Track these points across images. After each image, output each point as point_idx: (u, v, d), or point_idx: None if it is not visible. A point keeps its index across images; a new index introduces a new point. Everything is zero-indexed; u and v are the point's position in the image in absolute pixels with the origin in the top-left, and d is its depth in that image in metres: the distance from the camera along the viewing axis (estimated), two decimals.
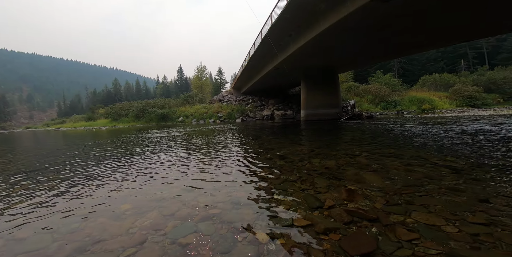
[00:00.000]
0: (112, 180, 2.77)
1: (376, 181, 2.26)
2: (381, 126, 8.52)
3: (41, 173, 3.35)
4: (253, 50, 15.13)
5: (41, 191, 2.45)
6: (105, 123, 29.98)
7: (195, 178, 2.69)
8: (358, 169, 2.70)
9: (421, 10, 7.49)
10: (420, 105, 23.29)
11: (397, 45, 11.83)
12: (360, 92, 26.04)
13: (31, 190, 2.51)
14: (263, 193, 2.07)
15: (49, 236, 1.44)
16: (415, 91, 28.37)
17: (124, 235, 1.40)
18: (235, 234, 1.37)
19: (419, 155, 3.32)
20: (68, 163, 4.09)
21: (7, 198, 2.28)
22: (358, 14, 7.51)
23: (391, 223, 1.43)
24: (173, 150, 5.02)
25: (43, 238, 1.42)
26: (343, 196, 1.89)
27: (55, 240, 1.39)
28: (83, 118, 40.49)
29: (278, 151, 4.18)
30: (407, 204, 1.71)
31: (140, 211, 1.77)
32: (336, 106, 16.16)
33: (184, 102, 31.54)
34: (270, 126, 11.92)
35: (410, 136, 5.45)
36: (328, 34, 9.38)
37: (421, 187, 2.04)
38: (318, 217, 1.55)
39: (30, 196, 2.30)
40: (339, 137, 6.58)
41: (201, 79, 45.79)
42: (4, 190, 2.55)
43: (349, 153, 3.73)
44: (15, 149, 7.58)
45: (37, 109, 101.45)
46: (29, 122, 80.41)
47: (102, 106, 44.52)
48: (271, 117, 22.98)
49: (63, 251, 1.26)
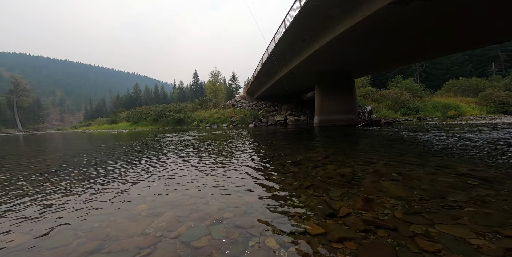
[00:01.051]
0: (130, 180, 2.89)
1: (396, 190, 2.14)
2: (401, 133, 8.11)
3: (68, 172, 3.59)
4: (266, 56, 15.27)
5: (66, 189, 2.61)
6: (126, 126, 31.60)
7: (208, 181, 2.72)
8: (376, 177, 2.58)
9: (444, 13, 7.16)
10: (445, 111, 21.90)
11: (417, 49, 11.34)
12: (378, 97, 25.11)
13: (58, 188, 2.69)
14: (275, 199, 2.05)
15: (72, 233, 1.52)
16: (440, 96, 26.79)
17: (140, 236, 1.45)
18: (246, 239, 1.36)
19: (444, 164, 3.10)
20: (92, 163, 4.35)
21: (37, 194, 2.46)
22: (375, 18, 7.34)
23: (411, 234, 1.35)
24: (188, 153, 5.15)
25: (66, 235, 1.49)
26: (359, 205, 1.81)
27: (76, 237, 1.46)
28: (107, 121, 43.00)
29: (291, 157, 4.13)
30: (430, 214, 1.61)
31: (155, 212, 1.82)
32: (351, 112, 15.69)
33: (199, 106, 32.29)
34: (283, 132, 11.84)
35: (434, 144, 5.12)
36: (343, 39, 9.24)
37: (447, 198, 1.91)
38: (332, 225, 1.50)
39: (57, 193, 2.47)
40: (355, 143, 6.35)
41: (215, 84, 46.63)
42: (35, 187, 2.76)
43: (366, 160, 3.59)
44: (47, 149, 8.21)
45: (67, 112, 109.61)
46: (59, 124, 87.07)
47: (124, 110, 47.07)
48: (284, 123, 22.81)
49: (83, 249, 1.32)
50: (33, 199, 2.29)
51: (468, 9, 6.95)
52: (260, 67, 18.41)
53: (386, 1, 6.42)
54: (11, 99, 62.41)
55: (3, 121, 59.61)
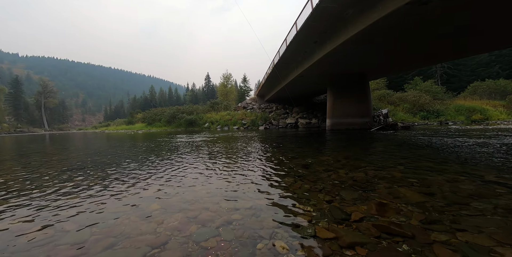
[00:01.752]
0: (144, 180, 2.99)
1: (414, 196, 2.04)
2: (419, 138, 7.72)
3: (87, 170, 3.77)
4: (277, 58, 15.27)
5: (84, 187, 2.74)
6: (141, 127, 32.82)
7: (218, 183, 2.75)
8: (392, 183, 2.47)
9: (467, 12, 6.79)
10: (470, 115, 20.61)
11: (437, 50, 10.82)
12: (395, 100, 24.17)
13: (77, 185, 2.83)
14: (285, 202, 2.02)
15: (89, 230, 1.58)
16: (463, 99, 25.32)
17: (152, 234, 1.48)
18: (255, 242, 1.35)
19: (467, 171, 2.91)
20: (109, 162, 4.55)
21: (57, 191, 2.61)
22: (391, 19, 7.12)
23: (430, 242, 1.28)
24: (199, 155, 5.24)
25: (83, 231, 1.56)
26: (373, 210, 1.74)
27: (93, 233, 1.52)
28: (124, 122, 44.99)
29: (302, 160, 4.06)
30: (451, 222, 1.51)
31: (167, 212, 1.86)
32: (365, 116, 15.20)
33: (210, 108, 32.80)
34: (294, 135, 11.70)
35: (456, 150, 4.83)
36: (356, 40, 9.04)
37: (470, 206, 1.79)
38: (343, 230, 1.45)
39: (75, 191, 2.60)
40: (369, 147, 6.14)
41: (226, 87, 47.06)
42: (55, 184, 2.92)
43: (381, 165, 3.45)
44: (70, 148, 8.71)
45: (88, 113, 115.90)
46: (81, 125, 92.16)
47: (140, 111, 48.98)
48: (295, 126, 22.57)
49: (98, 245, 1.37)
50: (53, 195, 2.43)
51: (496, 7, 6.54)
52: (271, 70, 18.43)
53: (403, 1, 6.21)
54: (39, 100, 67.14)
55: (32, 121, 64.17)
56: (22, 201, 2.24)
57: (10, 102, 58.51)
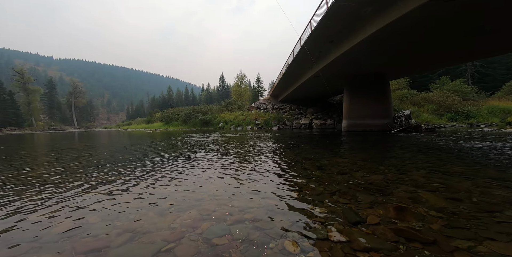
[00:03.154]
0: (160, 177, 3.12)
1: (437, 201, 1.91)
2: (446, 141, 7.21)
3: (111, 167, 4.04)
4: (291, 58, 15.07)
5: (107, 183, 2.93)
6: (160, 126, 34.18)
7: (231, 182, 2.78)
8: (413, 187, 2.34)
9: (498, 7, 6.20)
10: (505, 117, 18.83)
11: (463, 49, 10.02)
12: (418, 101, 22.74)
13: (102, 181, 3.04)
14: (298, 203, 2.00)
15: (111, 224, 1.68)
16: (498, 100, 23.16)
17: (167, 230, 1.55)
18: (266, 241, 1.35)
19: (499, 176, 2.68)
20: (131, 159, 4.81)
21: (86, 185, 2.81)
22: (412, 16, 6.72)
23: (453, 249, 1.19)
24: (214, 154, 5.35)
25: (106, 225, 1.66)
26: (391, 214, 1.66)
27: (115, 227, 1.61)
28: (144, 121, 47.22)
29: (316, 162, 3.98)
30: (477, 229, 1.40)
31: (181, 209, 1.92)
32: (385, 117, 14.47)
33: (224, 108, 33.25)
34: (308, 136, 11.49)
35: (487, 153, 4.44)
36: (375, 39, 8.64)
37: (501, 212, 1.65)
38: (357, 233, 1.40)
39: (100, 186, 2.79)
40: (389, 150, 5.84)
41: (240, 87, 47.21)
42: (84, 179, 3.15)
43: (401, 168, 3.27)
44: (96, 145, 9.34)
45: (112, 112, 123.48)
46: (106, 123, 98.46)
47: (158, 110, 51.06)
48: (309, 127, 22.13)
49: (120, 238, 1.46)
50: (80, 189, 2.63)
51: None
52: (285, 70, 18.25)
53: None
54: (70, 100, 72.72)
55: (63, 119, 69.69)
56: (52, 194, 2.45)
57: (45, 102, 63.93)
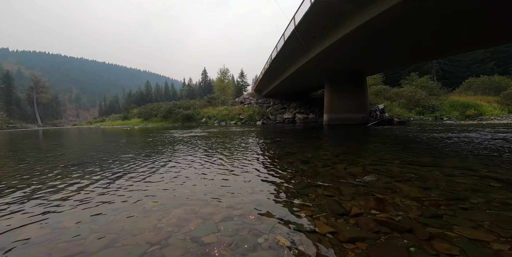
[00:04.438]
0: (141, 176, 2.96)
1: (411, 191, 2.07)
2: (415, 133, 7.82)
3: (83, 166, 3.73)
4: (275, 53, 15.15)
5: (82, 183, 2.70)
6: (137, 123, 32.44)
7: (217, 178, 2.74)
8: (389, 178, 2.51)
9: (467, 10, 6.75)
10: (464, 110, 20.92)
11: (435, 46, 10.83)
12: (391, 96, 24.33)
13: (75, 181, 2.79)
14: (284, 197, 2.03)
15: (87, 227, 1.55)
16: (458, 95, 25.59)
17: (151, 231, 1.47)
18: (256, 237, 1.36)
19: (463, 165, 2.97)
20: (106, 158, 4.50)
21: (53, 188, 2.57)
22: (390, 14, 7.06)
23: (427, 236, 1.30)
24: (197, 150, 5.22)
25: (82, 228, 1.53)
26: (372, 205, 1.76)
27: (93, 231, 1.49)
28: (120, 118, 44.40)
29: (300, 155, 4.08)
30: (448, 216, 1.55)
31: (166, 208, 1.85)
32: (362, 111, 15.30)
33: (207, 104, 32.67)
34: (292, 130, 11.73)
35: (451, 144, 4.90)
36: (355, 36, 8.99)
37: (466, 200, 1.83)
38: (342, 225, 1.46)
39: (72, 188, 2.56)
40: (367, 142, 6.19)
41: (223, 82, 46.67)
42: (51, 181, 2.88)
43: (378, 160, 3.49)
44: (65, 144, 8.59)
45: (82, 109, 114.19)
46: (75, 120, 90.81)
47: (135, 106, 48.30)
48: (292, 121, 22.63)
49: (99, 242, 1.35)
50: (49, 192, 2.39)
51: (496, 4, 6.52)
52: (268, 65, 18.30)
53: None
54: (31, 95, 65.67)
55: (24, 116, 62.86)
56: (17, 199, 2.21)
57: (1, 97, 57.12)
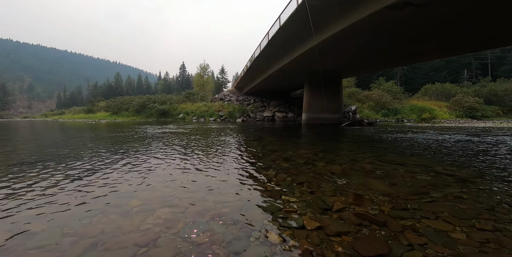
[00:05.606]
0: (116, 174, 2.76)
1: (382, 187, 2.28)
2: (382, 133, 8.56)
3: (43, 164, 3.32)
4: (258, 51, 15.18)
5: (45, 184, 2.42)
6: (105, 117, 29.85)
7: (200, 176, 2.69)
8: (363, 175, 2.72)
9: (442, 20, 7.50)
10: (420, 114, 23.45)
11: (405, 53, 11.94)
12: (362, 98, 26.17)
13: (34, 182, 2.48)
14: (271, 194, 2.08)
15: (59, 231, 1.41)
16: (417, 100, 28.55)
17: (137, 232, 1.39)
18: (247, 234, 1.38)
19: (421, 164, 3.35)
20: (70, 155, 4.06)
21: (12, 190, 2.26)
22: (369, 21, 7.58)
23: (400, 227, 1.46)
24: (176, 147, 5.02)
25: (53, 233, 1.39)
26: (351, 200, 1.91)
27: (66, 235, 1.36)
28: (83, 111, 40.27)
29: (282, 153, 4.20)
30: (414, 209, 1.74)
31: (150, 208, 1.76)
32: (337, 112, 16.21)
33: (185, 99, 31.54)
34: (272, 128, 11.94)
35: (411, 144, 5.49)
36: (336, 39, 9.45)
37: (427, 194, 2.07)
38: (328, 220, 1.56)
39: (34, 189, 2.28)
40: (342, 142, 6.60)
41: (203, 77, 45.63)
42: (8, 181, 2.52)
43: (353, 158, 3.75)
44: (15, 138, 7.54)
45: (36, 100, 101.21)
46: (27, 112, 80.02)
47: (102, 99, 44.39)
48: (271, 119, 23.02)
49: (77, 247, 1.24)
50: (6, 194, 2.10)
51: (464, 16, 7.35)
52: (251, 63, 18.26)
53: (381, 5, 6.64)
54: None
55: None
56: None
57: None
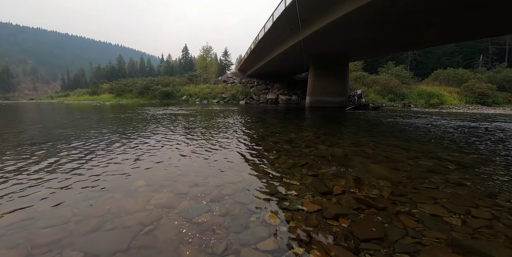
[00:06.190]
0: (121, 155, 2.81)
1: (383, 171, 2.28)
2: (387, 118, 8.41)
3: (51, 145, 3.39)
4: (262, 33, 14.57)
5: (52, 164, 2.48)
6: (109, 99, 29.91)
7: (203, 158, 2.72)
8: (365, 159, 2.72)
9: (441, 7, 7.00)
10: (429, 99, 22.77)
11: (413, 38, 11.30)
12: (369, 82, 25.36)
13: (43, 162, 2.54)
14: (272, 176, 2.11)
15: (69, 210, 1.46)
16: (426, 85, 27.53)
17: (141, 212, 1.44)
18: (247, 215, 1.42)
19: (424, 149, 3.31)
20: (77, 135, 4.13)
21: (21, 169, 2.32)
22: (376, 5, 7.14)
23: (397, 212, 1.48)
24: (180, 128, 5.04)
25: (62, 212, 1.43)
26: (351, 184, 1.93)
27: (74, 214, 1.41)
28: (87, 93, 40.31)
29: (284, 136, 4.20)
30: (413, 195, 1.75)
31: (154, 188, 1.81)
32: (343, 95, 15.88)
33: (188, 81, 31.34)
34: (275, 111, 11.86)
35: (416, 129, 5.40)
36: (343, 23, 9.01)
37: (427, 180, 2.07)
38: (327, 203, 1.59)
39: (43, 169, 2.34)
40: (345, 125, 6.53)
41: (206, 60, 45.45)
42: (17, 161, 2.59)
43: (355, 142, 3.73)
44: (24, 120, 7.67)
45: (41, 82, 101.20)
46: (32, 94, 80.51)
47: (106, 81, 44.16)
48: (275, 102, 22.80)
49: (84, 226, 1.29)
50: (17, 174, 2.17)
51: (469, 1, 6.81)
52: (254, 45, 17.59)
53: None
54: None
55: None
56: None
57: None
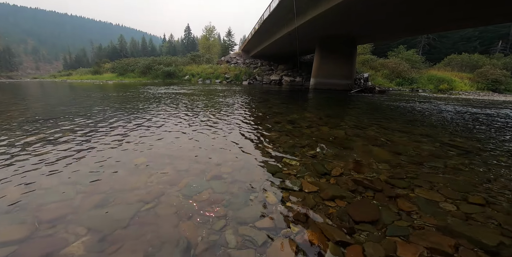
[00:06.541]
0: (123, 132, 2.82)
1: (383, 154, 2.27)
2: (392, 102, 8.21)
3: (55, 122, 3.40)
4: (267, 13, 13.76)
5: (56, 141, 2.50)
6: (112, 78, 29.59)
7: (204, 136, 2.73)
8: (366, 141, 2.70)
9: None
10: (438, 84, 21.98)
11: (427, 20, 10.53)
12: (376, 66, 24.41)
13: (48, 138, 2.56)
14: (272, 156, 2.12)
15: (72, 187, 1.48)
16: (437, 70, 26.37)
17: (142, 189, 1.47)
18: (247, 194, 1.44)
19: (428, 133, 3.27)
20: (80, 113, 4.12)
21: (25, 146, 2.35)
22: None
23: (394, 196, 1.48)
24: (182, 107, 5.01)
25: (66, 189, 1.45)
26: (350, 166, 1.93)
27: (78, 191, 1.44)
28: (90, 72, 39.98)
29: (287, 116, 4.18)
30: (411, 179, 1.74)
31: (155, 166, 1.84)
32: (348, 78, 15.43)
33: (191, 61, 30.79)
34: (278, 91, 11.68)
35: (421, 114, 5.29)
36: (351, 3, 8.29)
37: (427, 164, 2.05)
38: (325, 184, 1.61)
39: (47, 146, 2.35)
40: (349, 108, 6.43)
41: (209, 40, 44.58)
42: (21, 138, 2.62)
43: (358, 124, 3.69)
44: (27, 98, 7.70)
45: (43, 61, 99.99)
46: (35, 73, 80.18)
47: (108, 61, 43.40)
48: (279, 83, 22.38)
49: (88, 202, 1.32)
50: (22, 150, 2.19)
51: None
52: (259, 26, 16.73)
53: None
54: None
55: None
56: None
57: None
